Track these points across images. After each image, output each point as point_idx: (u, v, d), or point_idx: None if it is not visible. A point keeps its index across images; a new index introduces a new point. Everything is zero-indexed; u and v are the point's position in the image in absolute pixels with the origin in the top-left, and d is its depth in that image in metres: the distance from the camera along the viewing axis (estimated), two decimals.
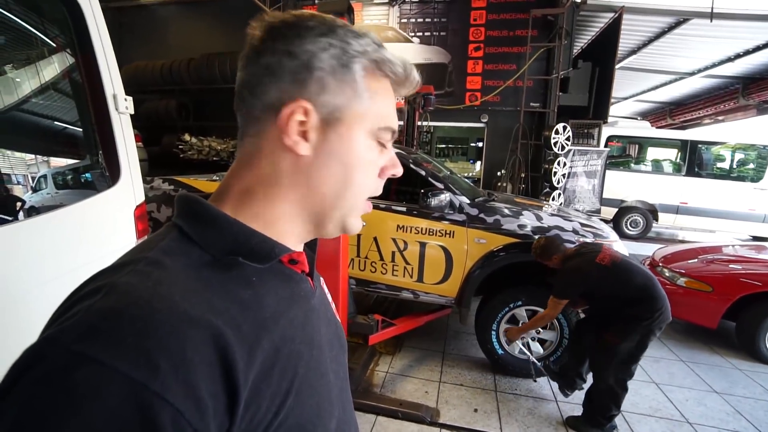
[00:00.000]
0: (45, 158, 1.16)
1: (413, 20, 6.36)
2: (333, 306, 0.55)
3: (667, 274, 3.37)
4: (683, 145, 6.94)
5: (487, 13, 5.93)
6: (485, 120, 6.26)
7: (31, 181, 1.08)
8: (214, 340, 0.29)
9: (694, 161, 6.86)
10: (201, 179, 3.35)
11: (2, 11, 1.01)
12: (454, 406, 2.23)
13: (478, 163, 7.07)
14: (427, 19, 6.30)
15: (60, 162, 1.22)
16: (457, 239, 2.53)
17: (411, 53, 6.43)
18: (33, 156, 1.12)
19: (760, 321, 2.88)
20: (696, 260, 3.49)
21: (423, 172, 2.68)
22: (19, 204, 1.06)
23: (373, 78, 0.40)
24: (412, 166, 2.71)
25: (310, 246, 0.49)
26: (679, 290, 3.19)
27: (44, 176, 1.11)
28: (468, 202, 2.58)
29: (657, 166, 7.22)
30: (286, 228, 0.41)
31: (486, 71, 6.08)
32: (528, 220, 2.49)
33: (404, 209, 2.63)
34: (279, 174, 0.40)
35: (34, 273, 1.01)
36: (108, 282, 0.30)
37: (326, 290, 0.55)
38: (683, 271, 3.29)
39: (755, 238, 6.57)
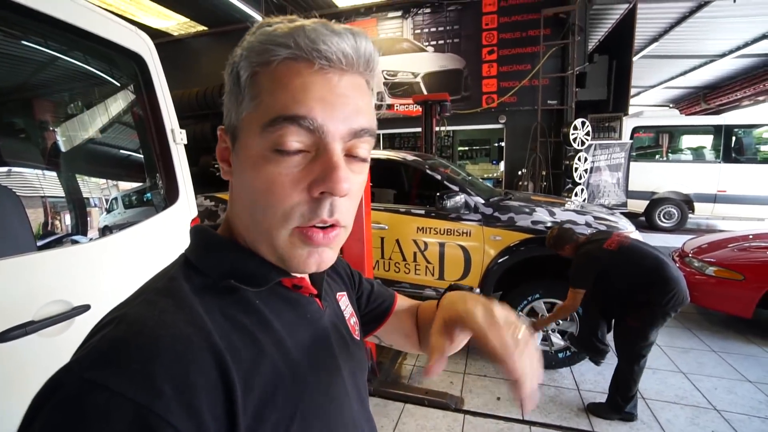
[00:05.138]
0: (120, 183, 1.45)
1: (426, 30, 6.57)
2: (354, 322, 0.53)
3: (696, 265, 3.32)
4: (717, 131, 6.67)
5: (498, 16, 6.04)
6: (503, 121, 6.33)
7: (113, 202, 1.37)
8: (216, 364, 0.30)
9: (730, 147, 6.57)
10: None
11: (92, 68, 1.32)
12: (477, 395, 2.36)
13: (502, 163, 7.11)
14: (440, 28, 6.49)
15: (132, 186, 1.51)
16: (474, 237, 2.67)
17: (426, 62, 6.64)
18: (114, 182, 1.42)
19: None
20: (728, 249, 3.41)
21: (438, 177, 2.85)
22: (102, 221, 1.35)
23: (265, 74, 0.35)
24: (428, 171, 2.89)
25: None
26: (710, 280, 3.14)
27: (120, 198, 1.40)
28: (483, 202, 2.72)
29: (689, 155, 6.95)
30: (264, 254, 0.39)
31: (501, 73, 6.17)
32: (541, 215, 2.60)
33: (423, 212, 2.81)
34: (230, 201, 0.41)
35: (124, 279, 1.28)
36: (121, 313, 0.32)
37: (344, 307, 0.53)
38: (713, 260, 3.23)
39: None
